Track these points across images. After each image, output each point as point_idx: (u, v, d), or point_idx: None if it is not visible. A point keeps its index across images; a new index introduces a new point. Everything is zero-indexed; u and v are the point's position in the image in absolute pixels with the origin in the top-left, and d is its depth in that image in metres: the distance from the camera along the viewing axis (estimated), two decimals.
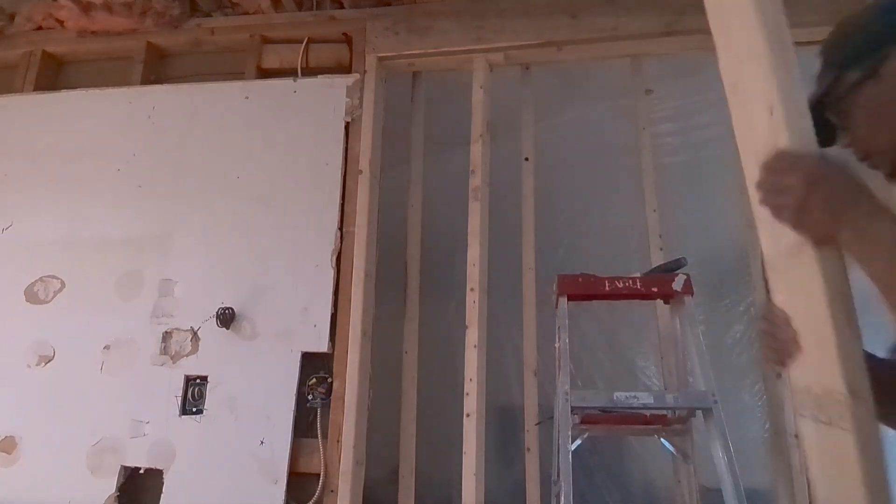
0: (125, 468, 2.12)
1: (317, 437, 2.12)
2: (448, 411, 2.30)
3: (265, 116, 2.49)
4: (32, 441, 2.20)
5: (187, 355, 2.22)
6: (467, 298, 2.21)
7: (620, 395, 1.82)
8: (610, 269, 2.10)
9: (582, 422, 2.09)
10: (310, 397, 2.16)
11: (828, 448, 0.81)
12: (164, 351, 2.23)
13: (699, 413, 1.94)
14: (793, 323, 0.87)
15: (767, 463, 2.28)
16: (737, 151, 0.99)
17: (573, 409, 1.84)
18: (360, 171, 2.38)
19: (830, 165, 0.85)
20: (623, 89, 2.61)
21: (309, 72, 2.58)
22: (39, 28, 2.84)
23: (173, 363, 2.22)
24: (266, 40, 2.68)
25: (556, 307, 1.98)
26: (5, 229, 2.49)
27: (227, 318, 2.19)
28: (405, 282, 2.42)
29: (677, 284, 1.93)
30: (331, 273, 2.26)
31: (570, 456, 1.79)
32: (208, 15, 2.77)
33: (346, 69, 2.56)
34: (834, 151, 0.97)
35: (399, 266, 2.45)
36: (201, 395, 2.17)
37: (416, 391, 2.32)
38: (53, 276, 2.39)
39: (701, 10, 1.15)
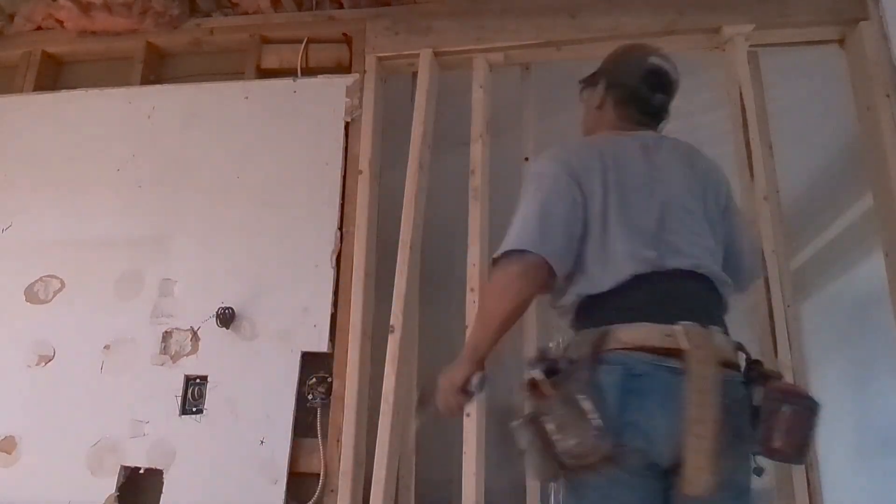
0: (125, 468, 2.12)
1: (317, 437, 2.13)
2: None
3: (265, 116, 2.49)
4: (32, 441, 2.19)
5: (187, 355, 2.22)
6: (467, 298, 2.20)
7: None
8: None
9: None
10: (310, 397, 2.16)
11: None
12: (164, 351, 2.23)
13: None
14: None
15: (768, 463, 2.28)
16: (736, 152, 1.01)
17: None
18: (360, 171, 2.38)
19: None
20: None
21: (309, 72, 2.58)
22: (39, 28, 2.83)
23: (173, 363, 2.22)
24: (266, 40, 2.68)
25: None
26: (5, 229, 2.49)
27: (226, 317, 2.19)
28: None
29: None
30: (331, 273, 2.26)
31: None
32: (208, 15, 2.77)
33: (345, 69, 2.56)
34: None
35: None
36: (201, 395, 2.18)
37: (416, 391, 2.32)
38: (53, 276, 2.39)
39: (701, 10, 1.16)
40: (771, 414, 1.28)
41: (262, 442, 2.09)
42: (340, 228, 2.32)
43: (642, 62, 1.58)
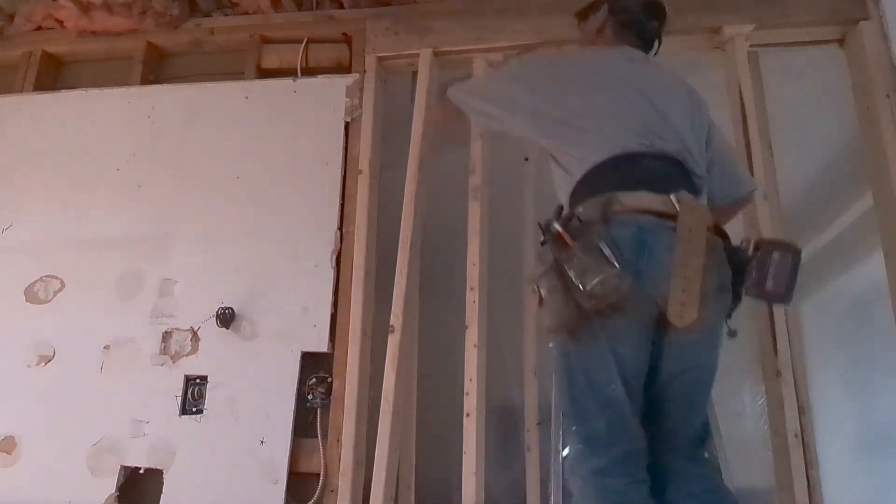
0: (125, 468, 2.12)
1: (317, 437, 2.13)
2: (448, 411, 2.30)
3: (265, 116, 2.49)
4: (32, 441, 2.20)
5: (187, 355, 2.22)
6: (467, 298, 2.21)
7: None
8: None
9: None
10: (310, 397, 2.16)
11: None
12: (164, 351, 2.23)
13: None
14: None
15: (768, 463, 2.28)
16: (736, 152, 1.01)
17: None
18: (360, 171, 2.38)
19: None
20: None
21: (309, 72, 2.58)
22: (39, 28, 2.83)
23: (173, 363, 2.22)
24: (266, 40, 2.68)
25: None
26: (5, 229, 2.49)
27: (226, 317, 2.19)
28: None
29: None
30: (331, 273, 2.26)
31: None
32: (208, 15, 2.77)
33: (345, 69, 2.56)
34: None
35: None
36: (201, 395, 2.18)
37: (416, 391, 2.32)
38: (53, 276, 2.39)
39: (701, 10, 1.16)
40: (763, 260, 1.45)
41: (262, 442, 2.09)
42: (340, 228, 2.32)
43: None
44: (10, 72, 2.80)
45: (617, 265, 1.31)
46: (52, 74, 2.84)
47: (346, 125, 2.44)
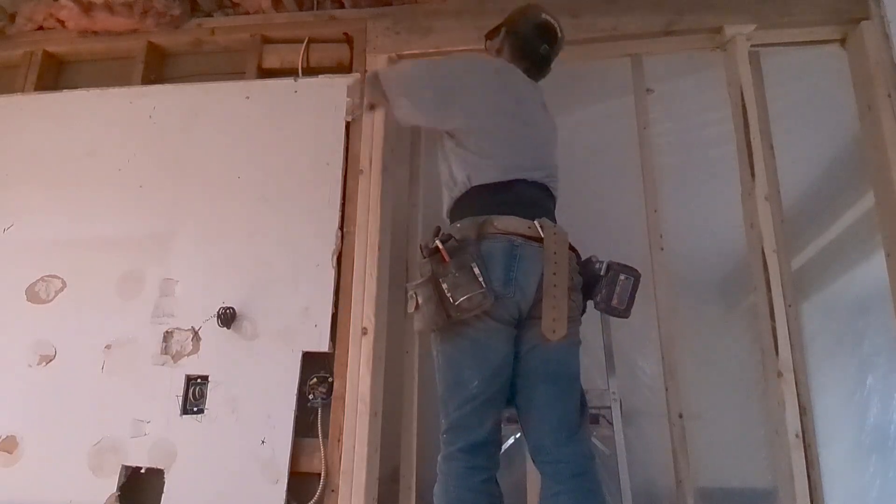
0: (126, 468, 2.12)
1: (317, 437, 2.13)
2: None
3: (266, 116, 2.49)
4: (33, 441, 2.20)
5: (188, 355, 2.22)
6: None
7: None
8: None
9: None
10: (310, 397, 2.16)
11: None
12: (165, 350, 2.23)
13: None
14: None
15: (768, 463, 2.28)
16: (737, 152, 1.01)
17: None
18: (361, 171, 2.38)
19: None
20: (623, 89, 2.61)
21: (310, 72, 2.58)
22: (40, 28, 2.84)
23: (174, 363, 2.22)
24: (267, 40, 2.68)
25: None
26: (6, 229, 2.49)
27: (228, 317, 2.20)
28: (406, 281, 2.41)
29: None
30: (331, 273, 2.26)
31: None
32: (209, 15, 2.77)
33: (346, 69, 2.57)
34: None
35: (400, 265, 2.45)
36: (202, 395, 2.18)
37: (417, 390, 2.32)
38: (54, 276, 2.39)
39: (702, 10, 1.16)
40: (613, 280, 1.76)
41: (262, 442, 2.09)
42: (341, 228, 2.32)
43: (536, 17, 2.03)
44: (12, 72, 2.81)
45: (484, 285, 1.56)
46: (54, 74, 2.84)
47: (347, 125, 2.44)
